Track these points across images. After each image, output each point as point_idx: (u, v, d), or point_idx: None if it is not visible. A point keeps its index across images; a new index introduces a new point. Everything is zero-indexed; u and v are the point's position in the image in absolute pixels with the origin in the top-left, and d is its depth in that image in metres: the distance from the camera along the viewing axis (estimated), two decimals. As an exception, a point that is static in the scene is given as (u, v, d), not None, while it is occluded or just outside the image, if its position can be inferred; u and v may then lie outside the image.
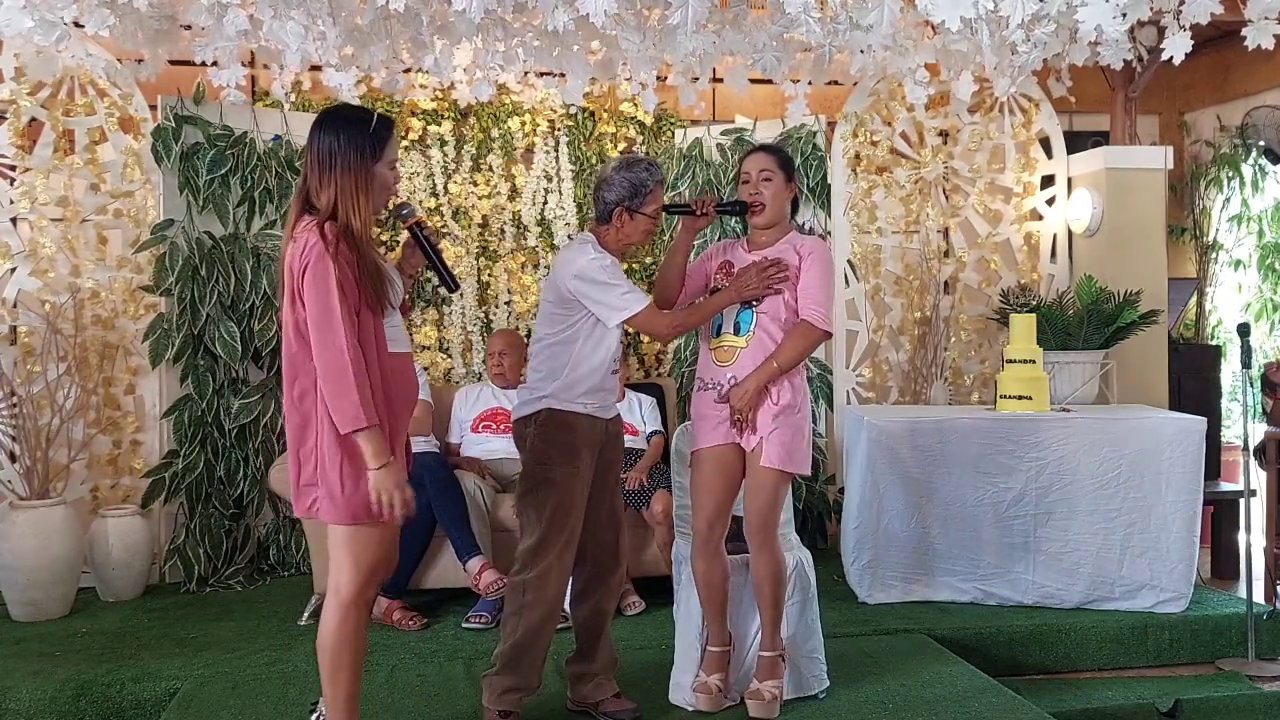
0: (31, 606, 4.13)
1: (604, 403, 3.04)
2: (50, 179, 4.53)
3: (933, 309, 5.17)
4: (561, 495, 2.93)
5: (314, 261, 2.38)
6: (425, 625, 3.98)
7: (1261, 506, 4.60)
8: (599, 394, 3.01)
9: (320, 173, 2.47)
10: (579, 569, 3.13)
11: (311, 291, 2.38)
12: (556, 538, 2.93)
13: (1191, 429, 4.10)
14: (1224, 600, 4.25)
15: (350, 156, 2.46)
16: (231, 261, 4.67)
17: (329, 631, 2.53)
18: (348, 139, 2.47)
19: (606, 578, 3.12)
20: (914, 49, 4.33)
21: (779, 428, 3.02)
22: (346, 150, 2.46)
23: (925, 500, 4.16)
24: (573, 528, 2.95)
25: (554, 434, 2.95)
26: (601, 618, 3.11)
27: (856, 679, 3.38)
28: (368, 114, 2.54)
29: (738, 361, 3.04)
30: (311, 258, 2.38)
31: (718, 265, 3.18)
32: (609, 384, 3.04)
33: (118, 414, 4.65)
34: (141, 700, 3.35)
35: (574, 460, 2.95)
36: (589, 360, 2.97)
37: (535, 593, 2.92)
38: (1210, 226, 6.34)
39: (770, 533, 3.07)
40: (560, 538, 2.93)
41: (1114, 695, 3.67)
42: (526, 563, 2.94)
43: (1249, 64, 5.65)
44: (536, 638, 2.94)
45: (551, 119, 5.42)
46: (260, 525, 4.84)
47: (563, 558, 2.95)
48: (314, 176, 2.49)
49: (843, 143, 5.21)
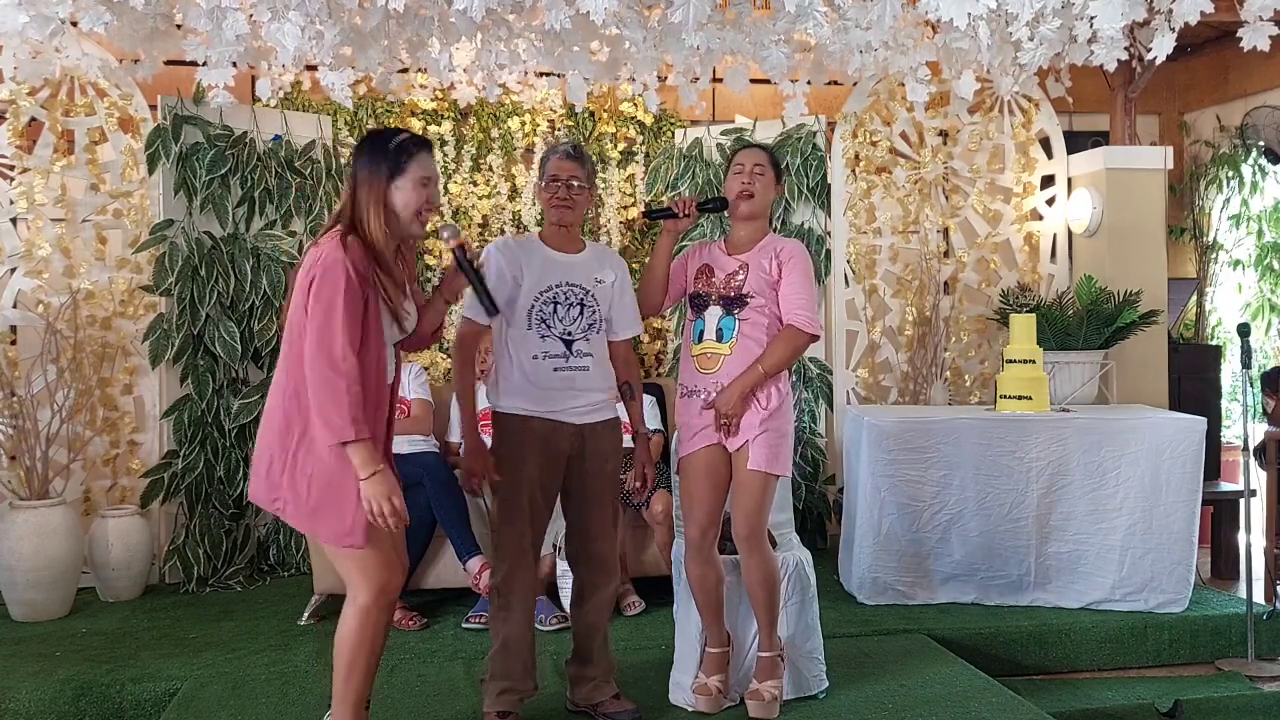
0: (31, 606, 4.13)
1: (550, 405, 2.91)
2: (49, 179, 4.54)
3: (932, 309, 5.17)
4: (502, 500, 2.91)
5: (328, 269, 2.39)
6: (425, 625, 3.98)
7: (1261, 506, 4.60)
8: (536, 393, 2.89)
9: (348, 188, 2.56)
10: (576, 573, 3.13)
11: (319, 297, 2.38)
12: (507, 542, 2.92)
13: (1191, 429, 4.10)
14: (1224, 600, 4.25)
15: (368, 173, 2.51)
16: (231, 261, 4.67)
17: (347, 633, 2.52)
18: (369, 157, 2.53)
19: (597, 590, 3.09)
20: (914, 48, 4.33)
21: (765, 431, 3.01)
22: (367, 167, 2.52)
23: (925, 500, 4.15)
24: (519, 533, 2.90)
25: (498, 436, 2.94)
26: (592, 630, 3.09)
27: (856, 679, 3.38)
28: (395, 134, 2.58)
29: (723, 368, 3.02)
30: (326, 264, 2.40)
31: (696, 269, 3.15)
32: (551, 383, 2.89)
33: (114, 414, 4.65)
34: (141, 700, 3.35)
35: (518, 466, 2.88)
36: (514, 356, 2.92)
37: (504, 597, 2.93)
38: (1210, 227, 6.34)
39: (759, 536, 3.06)
40: (511, 542, 2.91)
41: (1114, 695, 3.67)
42: (494, 568, 2.99)
43: (1249, 64, 5.64)
44: (518, 640, 2.94)
45: (551, 119, 5.43)
46: (260, 525, 4.84)
47: (522, 561, 2.92)
48: (345, 191, 2.57)
49: (842, 143, 5.21)
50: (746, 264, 3.07)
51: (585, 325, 2.96)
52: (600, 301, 3.00)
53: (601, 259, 3.07)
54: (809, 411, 5.12)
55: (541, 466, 2.91)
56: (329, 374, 2.34)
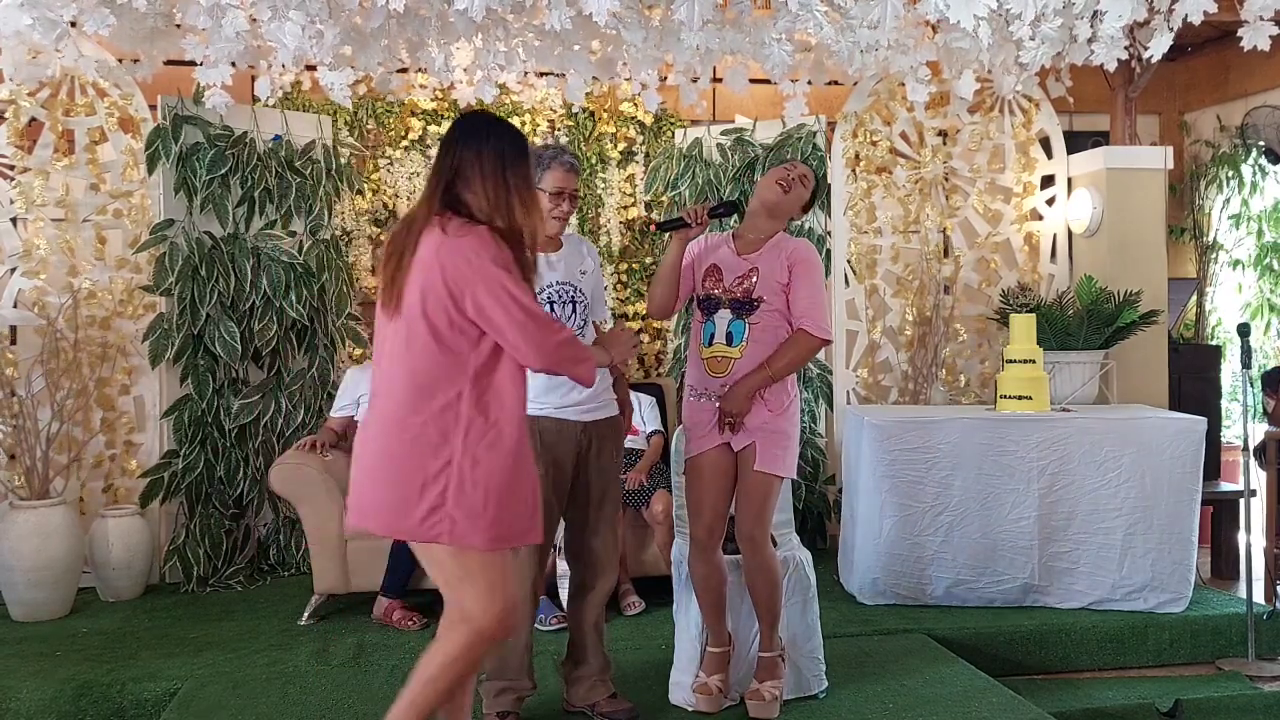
0: (32, 606, 4.13)
1: (556, 401, 2.91)
2: (50, 179, 4.54)
3: (932, 309, 5.17)
4: None
5: (479, 253, 2.27)
6: (425, 625, 3.97)
7: (1261, 506, 4.59)
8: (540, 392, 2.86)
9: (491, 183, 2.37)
10: (573, 570, 3.14)
11: (492, 285, 2.24)
12: None
13: (1191, 429, 4.10)
14: (1224, 600, 4.25)
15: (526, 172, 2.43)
16: (231, 261, 4.67)
17: (450, 649, 2.37)
18: (522, 153, 2.42)
19: (590, 589, 3.09)
20: (915, 48, 4.33)
21: (772, 432, 3.02)
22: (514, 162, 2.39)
23: (925, 501, 4.15)
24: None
25: None
26: (587, 627, 3.09)
27: (856, 679, 3.38)
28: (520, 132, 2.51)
29: (733, 371, 3.02)
30: (491, 255, 2.26)
31: (705, 270, 3.14)
32: (553, 381, 2.86)
33: (113, 415, 4.65)
34: (142, 700, 3.35)
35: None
36: None
37: None
38: (1210, 226, 6.34)
39: (763, 536, 3.07)
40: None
41: (1114, 695, 3.67)
42: None
43: (1249, 64, 5.64)
44: (515, 640, 2.92)
45: (551, 119, 5.43)
46: (260, 525, 4.84)
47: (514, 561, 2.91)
48: (485, 183, 2.36)
49: (842, 143, 5.21)
50: (756, 267, 3.06)
51: (580, 323, 3.02)
52: (585, 293, 3.06)
53: (578, 250, 3.12)
54: (809, 411, 5.12)
55: (550, 465, 2.91)
56: (548, 334, 2.28)
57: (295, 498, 4.10)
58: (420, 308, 2.27)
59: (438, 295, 2.26)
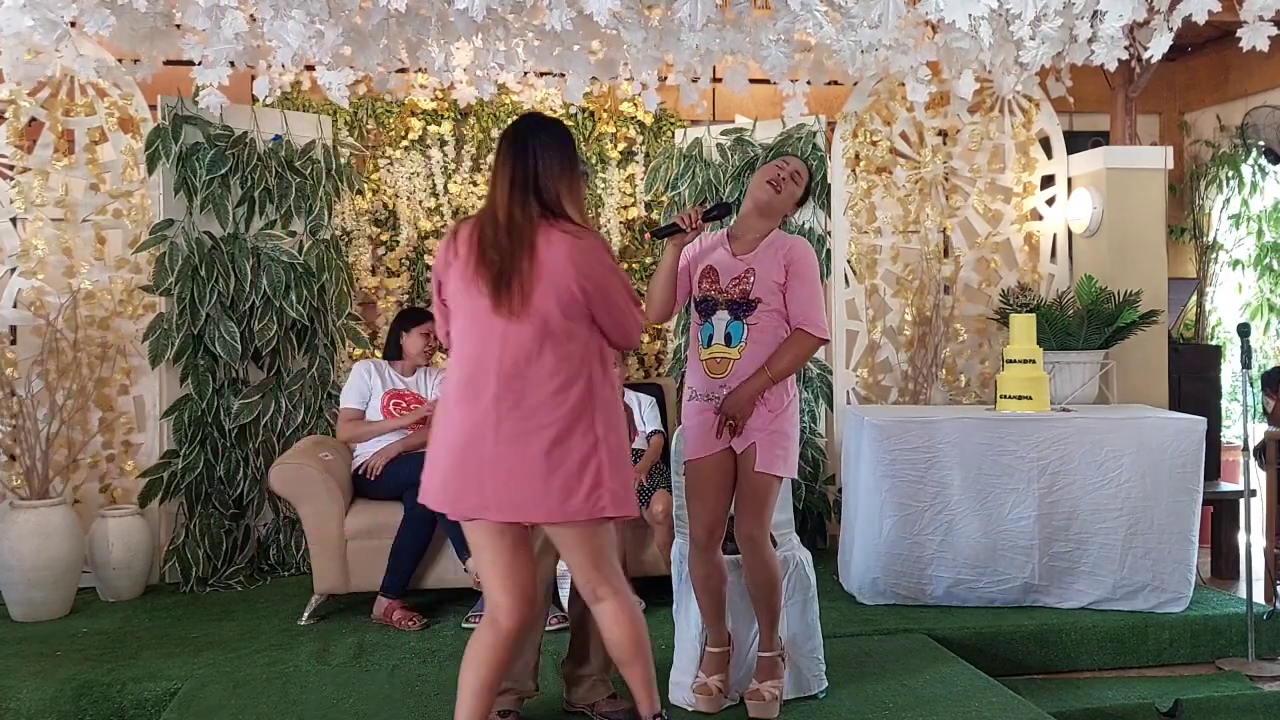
0: (32, 606, 4.13)
1: None
2: (49, 179, 4.53)
3: (932, 309, 5.17)
4: None
5: (606, 255, 2.51)
6: (425, 625, 3.98)
7: (1261, 506, 4.60)
8: None
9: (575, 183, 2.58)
10: None
11: (617, 282, 2.50)
12: None
13: (1191, 429, 4.10)
14: (1224, 600, 4.25)
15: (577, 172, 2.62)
16: (231, 261, 4.66)
17: (627, 619, 2.56)
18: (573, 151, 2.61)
19: None
20: (915, 48, 4.33)
21: (772, 433, 3.01)
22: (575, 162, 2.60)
23: (925, 500, 4.15)
24: None
25: None
26: (587, 627, 3.08)
27: (856, 679, 3.38)
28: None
29: (733, 372, 3.02)
30: (602, 251, 2.51)
31: (701, 271, 3.14)
32: None
33: (112, 415, 4.65)
34: (142, 700, 3.35)
35: None
36: None
37: None
38: (1210, 226, 6.34)
39: (763, 537, 3.06)
40: None
41: (1114, 695, 3.67)
42: None
43: (1249, 64, 5.64)
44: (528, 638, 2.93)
45: (551, 119, 5.42)
46: (260, 525, 4.84)
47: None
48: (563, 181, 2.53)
49: (842, 143, 5.21)
50: (753, 268, 3.06)
51: None
52: None
53: None
54: (809, 411, 5.12)
55: None
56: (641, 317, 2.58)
57: (295, 498, 4.10)
58: (557, 307, 2.44)
59: (571, 294, 2.44)
